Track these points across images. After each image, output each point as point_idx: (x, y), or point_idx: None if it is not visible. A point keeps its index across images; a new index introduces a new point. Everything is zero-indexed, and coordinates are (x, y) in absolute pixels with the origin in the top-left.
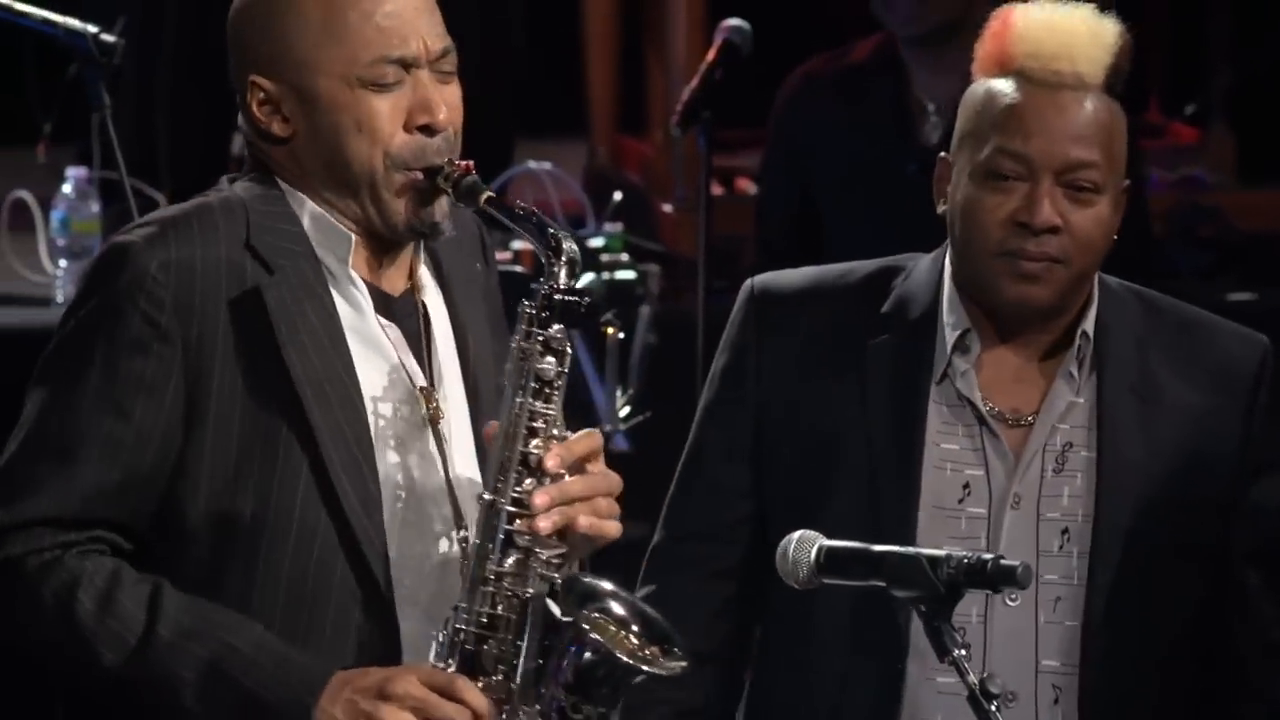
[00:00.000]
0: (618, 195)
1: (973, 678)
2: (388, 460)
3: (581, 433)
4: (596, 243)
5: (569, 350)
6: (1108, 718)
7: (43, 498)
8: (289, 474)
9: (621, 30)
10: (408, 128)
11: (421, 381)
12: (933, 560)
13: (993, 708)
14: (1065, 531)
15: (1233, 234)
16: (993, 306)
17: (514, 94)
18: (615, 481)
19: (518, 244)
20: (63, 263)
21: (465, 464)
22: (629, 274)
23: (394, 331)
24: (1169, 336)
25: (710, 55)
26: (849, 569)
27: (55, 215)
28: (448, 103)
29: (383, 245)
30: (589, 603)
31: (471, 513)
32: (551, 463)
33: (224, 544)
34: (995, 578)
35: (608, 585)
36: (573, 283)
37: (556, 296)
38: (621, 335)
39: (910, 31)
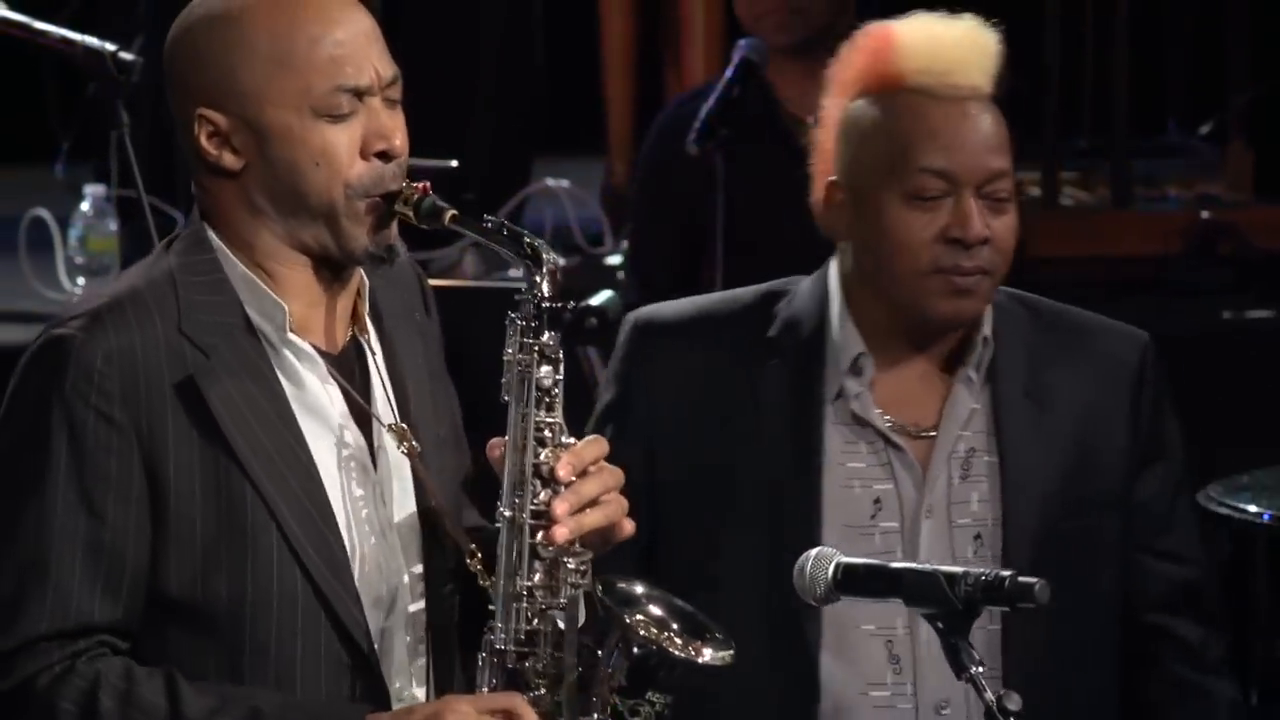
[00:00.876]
0: None
1: (990, 695)
2: (348, 521)
3: (588, 438)
4: (614, 260)
5: (562, 357)
6: (1032, 717)
7: (39, 615)
8: (258, 550)
9: (639, 49)
10: (364, 155)
11: (361, 441)
12: (950, 577)
13: None
14: (978, 537)
15: (1250, 251)
16: (916, 323)
17: (534, 113)
18: (620, 476)
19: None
20: (80, 280)
21: (405, 506)
22: None
23: (335, 392)
24: (1054, 338)
25: (729, 71)
26: (866, 585)
27: (73, 233)
28: (399, 128)
29: (323, 293)
30: (627, 606)
31: (413, 551)
32: (563, 471)
33: (205, 629)
34: (1013, 594)
35: (642, 587)
36: (556, 289)
37: (544, 304)
38: None
39: (782, 41)
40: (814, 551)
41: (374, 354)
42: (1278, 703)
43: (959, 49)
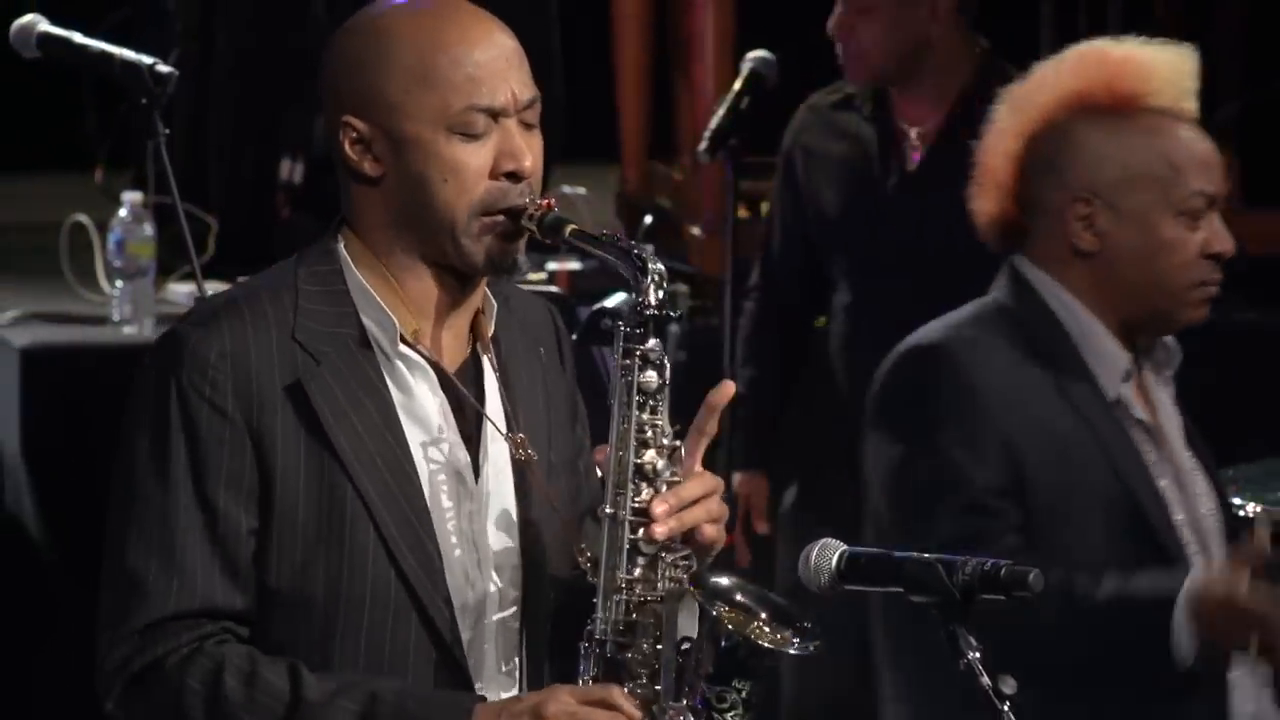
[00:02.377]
0: (648, 219)
1: (986, 679)
2: (443, 525)
3: (697, 474)
4: None
5: (668, 362)
6: None
7: (164, 598)
8: (356, 548)
9: (652, 62)
10: (494, 174)
11: (464, 454)
12: (949, 566)
13: (1005, 708)
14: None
15: (1240, 256)
16: (1159, 328)
17: (553, 126)
18: (719, 482)
19: (553, 265)
20: (119, 283)
21: (502, 520)
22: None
23: (443, 404)
24: None
25: (737, 85)
26: (869, 575)
27: (112, 238)
28: (533, 150)
29: (448, 306)
30: (718, 598)
31: (505, 565)
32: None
33: (302, 619)
34: (1009, 583)
35: (733, 579)
36: (662, 298)
37: (649, 312)
38: None
39: (858, 85)
40: (819, 542)
41: (494, 372)
42: None
43: (1186, 71)
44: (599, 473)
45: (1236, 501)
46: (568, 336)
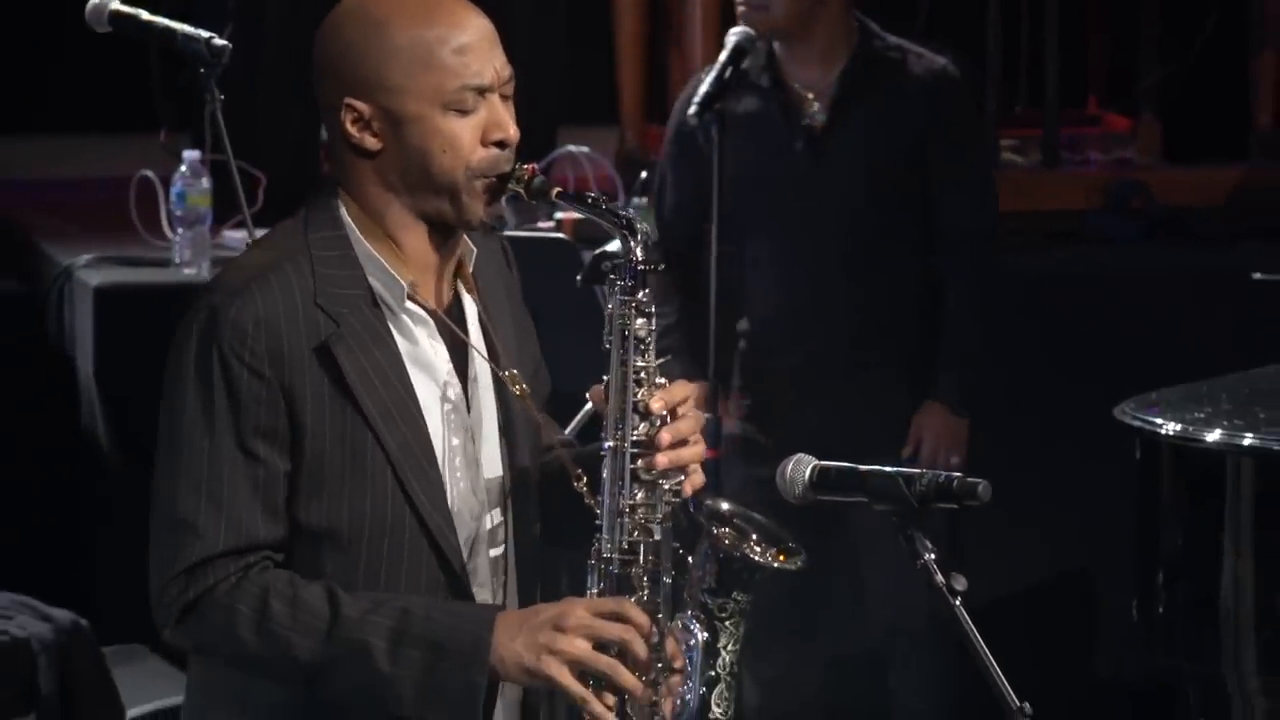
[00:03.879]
0: (644, 174)
1: (940, 578)
2: (445, 461)
3: (678, 381)
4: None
5: (654, 310)
6: None
7: (214, 537)
8: (375, 487)
9: (648, 35)
10: (484, 143)
11: (459, 389)
12: (907, 479)
13: (957, 603)
14: None
15: (1158, 206)
16: None
17: (558, 92)
18: (700, 417)
19: (559, 215)
20: (180, 230)
21: (491, 446)
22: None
23: (442, 349)
24: None
25: (721, 57)
26: (838, 486)
27: (174, 190)
28: (513, 120)
29: (437, 258)
30: (716, 520)
31: (495, 483)
32: (657, 405)
33: (330, 549)
34: (959, 493)
35: (727, 505)
36: (648, 254)
37: (640, 268)
38: None
39: (757, 32)
40: (794, 457)
41: (475, 308)
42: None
43: None
44: (589, 404)
45: (1158, 421)
46: (514, 259)
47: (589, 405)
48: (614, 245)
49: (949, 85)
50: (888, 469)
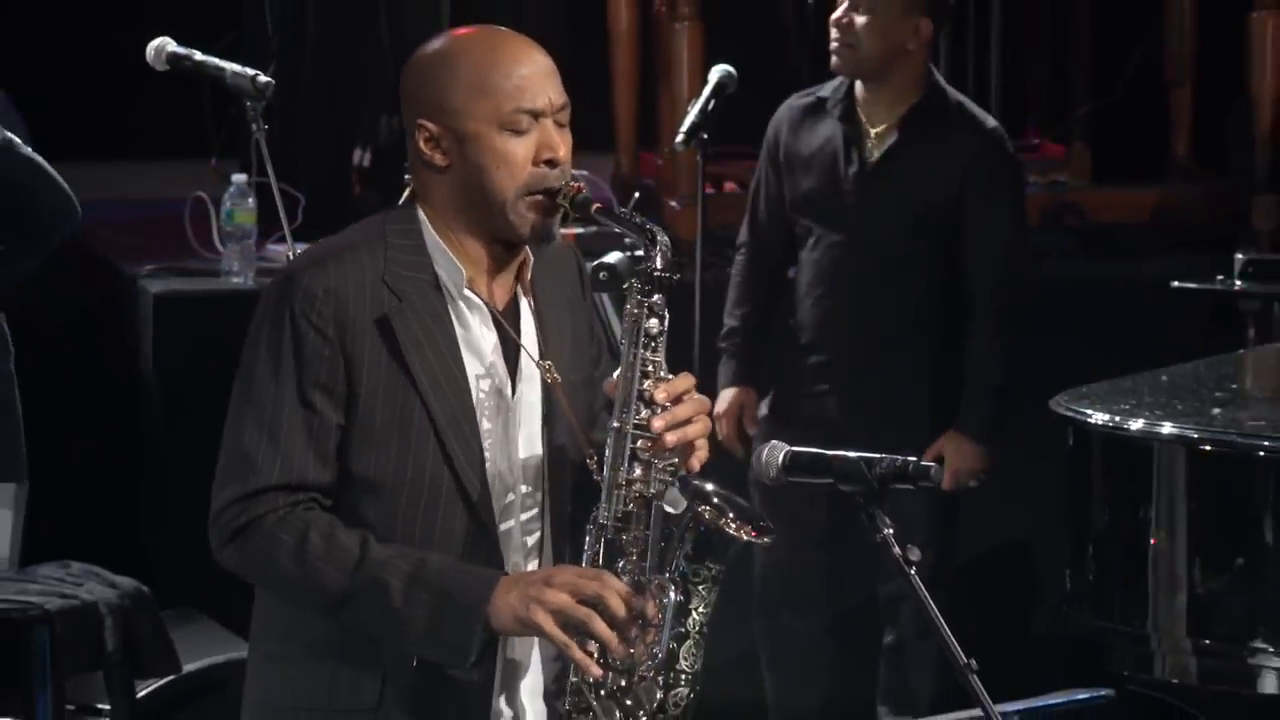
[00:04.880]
0: (636, 194)
1: (897, 550)
2: (487, 432)
3: (681, 374)
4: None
5: (667, 313)
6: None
7: (269, 471)
8: (419, 447)
9: (640, 71)
10: (535, 162)
11: (505, 375)
12: (868, 462)
13: (912, 572)
14: None
15: (1089, 224)
16: None
17: None
18: (707, 403)
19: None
20: (228, 244)
21: (530, 425)
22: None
23: (493, 337)
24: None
25: (705, 91)
26: (808, 469)
27: (224, 209)
28: (565, 143)
29: (497, 264)
30: (699, 498)
31: (532, 460)
32: (661, 395)
33: (374, 499)
34: (915, 475)
35: (710, 486)
36: (668, 263)
37: (656, 274)
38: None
39: (844, 74)
40: (769, 443)
41: (531, 312)
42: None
43: None
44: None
45: (1088, 412)
46: (587, 272)
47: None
48: (610, 257)
49: (994, 145)
50: (851, 454)
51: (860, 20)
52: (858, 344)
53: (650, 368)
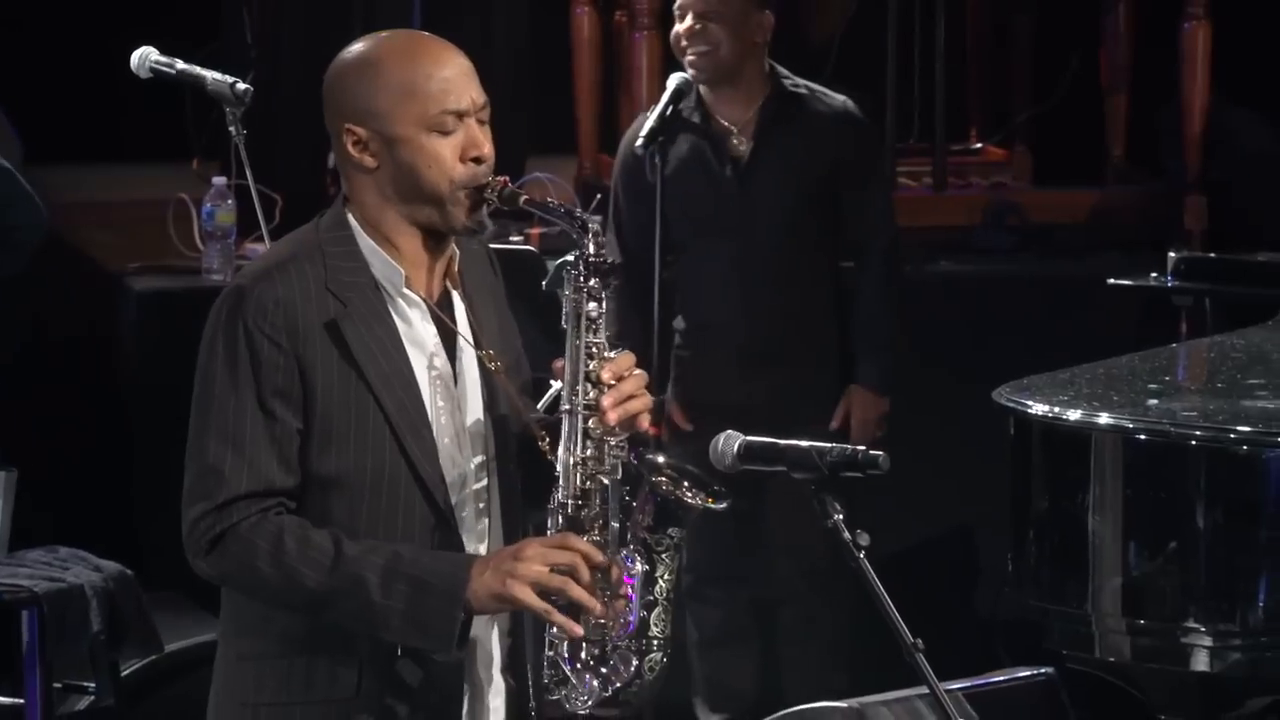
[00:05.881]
0: (599, 196)
1: (848, 535)
2: (436, 420)
3: (621, 352)
4: None
5: (604, 297)
6: None
7: (237, 481)
8: (374, 442)
9: (601, 78)
10: (463, 159)
11: (448, 366)
12: (819, 451)
13: (861, 555)
14: None
15: (1029, 223)
16: None
17: (526, 124)
18: (647, 378)
19: (528, 230)
20: (209, 243)
21: (474, 411)
22: None
23: (432, 330)
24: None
25: (663, 98)
26: (761, 457)
27: (204, 210)
28: (487, 139)
29: (429, 258)
30: (653, 470)
31: (479, 444)
32: (606, 374)
33: (336, 495)
34: (864, 464)
35: (664, 458)
36: (599, 249)
37: (591, 261)
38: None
39: (702, 79)
40: (725, 433)
41: (462, 303)
42: (1043, 539)
43: None
44: (554, 383)
45: (1028, 403)
46: (498, 266)
47: (555, 386)
48: (572, 256)
49: (851, 118)
50: (803, 443)
51: (712, 26)
52: (766, 330)
53: (594, 349)
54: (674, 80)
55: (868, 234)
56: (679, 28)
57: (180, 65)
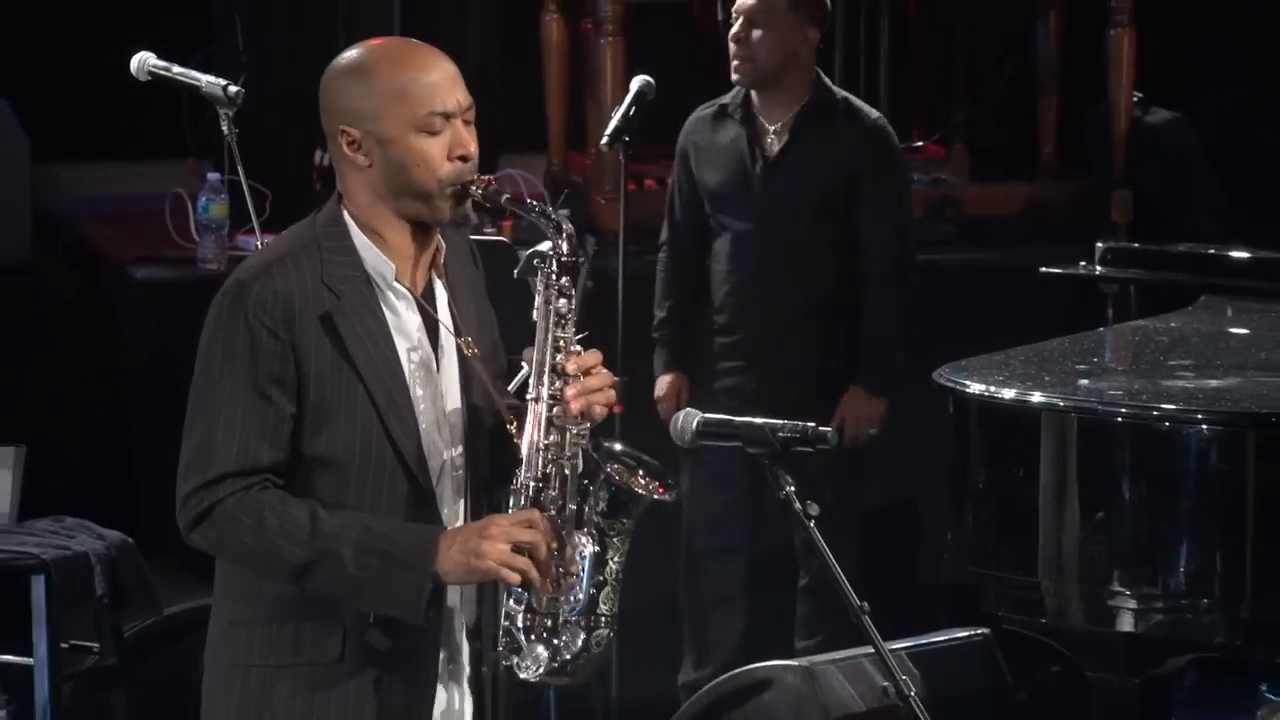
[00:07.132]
0: (566, 191)
1: (798, 506)
2: (419, 405)
3: (590, 350)
4: None
5: (574, 294)
6: None
7: (228, 457)
8: (363, 426)
9: (569, 81)
10: (450, 158)
11: (430, 353)
12: (772, 428)
13: (811, 524)
14: None
15: (967, 216)
16: None
17: (498, 122)
18: (611, 377)
19: (502, 222)
20: (204, 235)
21: (453, 396)
22: None
23: (417, 319)
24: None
25: (627, 99)
26: (718, 433)
27: (200, 203)
28: (472, 139)
29: (417, 251)
30: (610, 459)
31: (458, 427)
32: (571, 367)
33: (325, 474)
34: (814, 439)
35: (620, 446)
36: (574, 248)
37: (564, 259)
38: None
39: (745, 83)
40: (683, 411)
41: (445, 292)
42: (981, 509)
43: None
44: (524, 366)
45: (966, 383)
46: (477, 252)
47: (525, 369)
48: (543, 246)
49: (877, 133)
50: (757, 420)
51: (757, 34)
52: (769, 322)
53: (562, 343)
54: (637, 83)
55: (880, 242)
56: (732, 30)
57: (177, 69)
